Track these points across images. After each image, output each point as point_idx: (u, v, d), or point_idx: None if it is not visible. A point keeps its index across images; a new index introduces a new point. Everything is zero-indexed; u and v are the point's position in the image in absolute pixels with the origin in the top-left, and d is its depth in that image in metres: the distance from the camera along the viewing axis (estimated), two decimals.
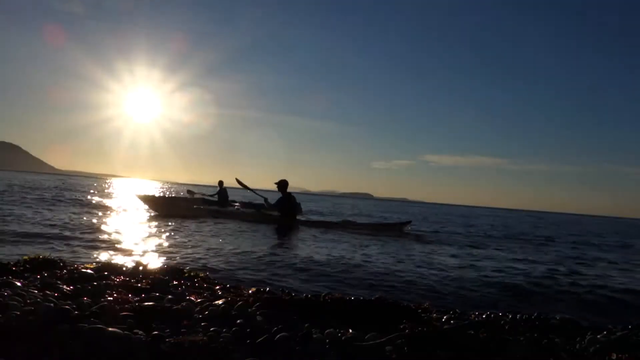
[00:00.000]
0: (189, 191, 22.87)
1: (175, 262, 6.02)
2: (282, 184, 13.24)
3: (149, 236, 8.93)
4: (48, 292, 2.89)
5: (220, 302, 2.95)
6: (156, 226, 10.83)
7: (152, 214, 14.30)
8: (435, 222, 23.84)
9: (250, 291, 3.58)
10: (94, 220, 11.07)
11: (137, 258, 6.34)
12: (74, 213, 13.01)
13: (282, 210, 13.22)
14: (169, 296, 3.07)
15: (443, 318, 3.29)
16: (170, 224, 11.55)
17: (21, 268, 3.66)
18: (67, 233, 8.74)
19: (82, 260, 5.73)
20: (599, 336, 2.84)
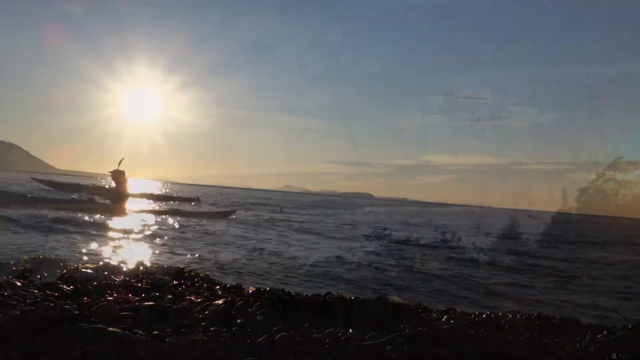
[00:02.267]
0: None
1: (175, 262, 6.02)
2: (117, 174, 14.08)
3: (148, 236, 8.93)
4: (48, 292, 2.89)
5: (220, 302, 2.95)
6: (155, 227, 10.83)
7: None
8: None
9: (250, 291, 3.58)
10: (93, 221, 11.06)
11: (137, 258, 6.34)
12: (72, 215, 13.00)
13: (115, 199, 13.97)
14: (169, 296, 3.07)
15: (443, 318, 3.29)
16: (169, 225, 11.54)
17: (21, 268, 3.66)
18: (68, 232, 8.73)
19: (82, 260, 5.73)
20: (599, 336, 2.84)
